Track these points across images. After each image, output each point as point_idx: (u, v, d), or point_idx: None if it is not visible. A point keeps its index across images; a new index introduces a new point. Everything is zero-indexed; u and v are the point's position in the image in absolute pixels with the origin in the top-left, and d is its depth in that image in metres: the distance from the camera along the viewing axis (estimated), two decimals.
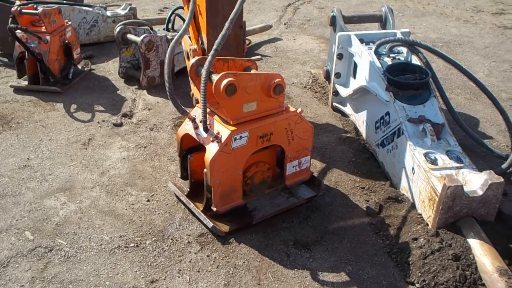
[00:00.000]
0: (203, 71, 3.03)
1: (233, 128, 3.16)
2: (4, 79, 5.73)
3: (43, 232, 3.46)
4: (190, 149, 3.56)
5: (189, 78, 3.33)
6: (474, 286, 2.93)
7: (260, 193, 3.59)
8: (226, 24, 3.24)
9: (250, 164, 3.44)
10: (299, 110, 3.44)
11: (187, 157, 3.53)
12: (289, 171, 3.58)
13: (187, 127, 3.45)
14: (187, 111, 3.33)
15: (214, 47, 3.14)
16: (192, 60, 3.25)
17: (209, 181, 3.24)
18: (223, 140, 3.14)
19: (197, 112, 3.44)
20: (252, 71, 3.33)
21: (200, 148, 3.42)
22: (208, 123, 3.19)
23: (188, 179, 3.63)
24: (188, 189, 3.65)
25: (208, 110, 3.18)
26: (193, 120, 3.38)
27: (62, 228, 3.50)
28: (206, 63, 3.07)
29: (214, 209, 3.36)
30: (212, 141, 3.19)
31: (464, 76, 4.19)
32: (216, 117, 3.30)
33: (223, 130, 3.18)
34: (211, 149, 3.17)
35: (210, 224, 3.39)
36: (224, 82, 2.98)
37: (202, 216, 3.46)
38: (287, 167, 3.55)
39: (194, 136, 3.36)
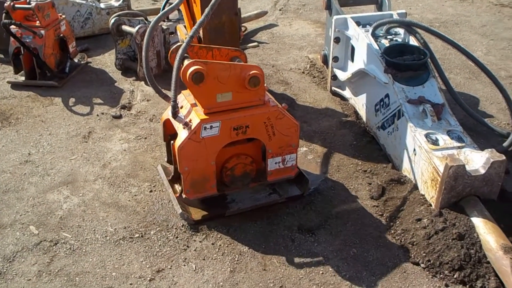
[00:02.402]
0: (176, 58, 3.03)
1: (203, 117, 3.14)
2: (1, 75, 5.70)
3: (47, 226, 3.47)
4: (175, 134, 3.55)
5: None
6: (479, 265, 2.95)
7: (243, 186, 3.56)
8: (206, 11, 3.21)
9: (230, 155, 3.41)
10: (283, 105, 3.38)
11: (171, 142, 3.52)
12: (271, 167, 3.50)
13: (169, 112, 3.46)
14: (169, 95, 3.31)
15: (190, 33, 3.12)
16: (172, 48, 3.23)
17: (178, 168, 3.25)
18: (192, 128, 3.13)
19: (180, 98, 3.44)
20: (237, 61, 3.28)
21: None
22: (181, 109, 3.17)
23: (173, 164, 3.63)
24: (173, 174, 3.66)
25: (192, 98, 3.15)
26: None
27: (66, 221, 3.50)
28: (180, 50, 3.06)
29: (184, 196, 3.38)
30: (184, 128, 3.19)
31: (462, 55, 4.18)
32: (197, 106, 3.27)
33: (194, 118, 3.17)
34: (181, 136, 3.18)
35: (179, 210, 3.38)
36: (190, 69, 2.95)
37: (175, 202, 3.47)
38: (269, 162, 3.47)
39: (172, 121, 3.35)
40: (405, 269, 3.08)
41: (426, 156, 3.37)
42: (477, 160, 3.26)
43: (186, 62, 3.02)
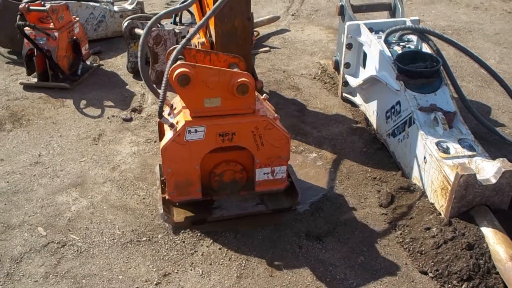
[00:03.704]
0: (170, 60, 3.03)
1: (189, 119, 3.14)
2: (14, 77, 5.76)
3: (55, 227, 3.48)
4: None
5: None
6: (488, 275, 2.91)
7: (232, 193, 3.53)
8: (207, 14, 3.21)
9: (219, 161, 3.38)
10: (274, 116, 3.33)
11: None
12: (260, 178, 3.45)
13: (164, 113, 3.47)
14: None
15: (187, 36, 3.12)
16: (170, 49, 3.23)
17: (162, 168, 3.28)
18: (177, 129, 3.14)
19: (176, 99, 3.45)
20: (235, 69, 3.23)
21: None
22: (175, 110, 3.22)
23: None
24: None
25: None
26: (170, 106, 3.40)
27: (75, 223, 3.51)
28: (174, 52, 3.06)
29: (166, 197, 3.40)
30: (170, 129, 3.20)
31: (475, 63, 4.15)
32: (187, 109, 3.27)
33: (180, 120, 3.17)
34: (166, 137, 3.20)
35: (160, 210, 3.39)
36: (177, 71, 2.94)
37: (160, 201, 3.48)
38: (257, 172, 3.41)
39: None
40: (413, 278, 3.05)
41: (437, 165, 3.34)
42: (488, 170, 3.22)
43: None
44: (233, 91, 3.07)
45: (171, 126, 3.18)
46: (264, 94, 3.55)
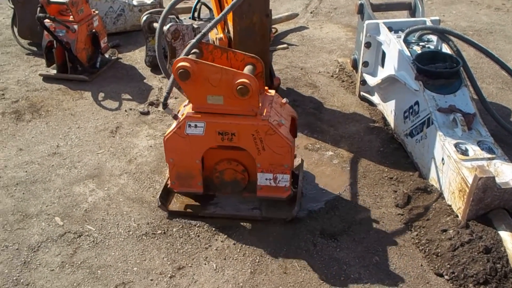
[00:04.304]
0: (182, 53, 3.05)
1: (190, 114, 3.17)
2: (34, 68, 5.82)
3: (72, 218, 3.51)
4: None
5: None
6: (505, 280, 2.88)
7: (233, 192, 3.52)
8: (225, 10, 3.21)
9: (221, 158, 3.39)
10: (277, 122, 3.23)
11: None
12: (261, 182, 3.38)
13: (183, 105, 3.53)
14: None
15: (204, 30, 3.12)
16: (186, 43, 3.26)
17: (165, 158, 3.36)
18: (179, 122, 3.19)
19: None
20: (246, 69, 3.18)
21: None
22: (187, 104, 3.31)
23: None
24: None
25: None
26: None
27: (91, 214, 3.55)
28: (187, 47, 3.08)
29: (168, 186, 3.48)
30: (175, 120, 3.25)
31: (496, 65, 4.11)
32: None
33: (184, 114, 3.21)
34: (170, 128, 3.26)
35: (158, 195, 3.50)
36: (178, 65, 2.97)
37: (162, 188, 3.56)
38: (258, 177, 3.36)
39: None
40: (428, 280, 3.03)
41: (455, 166, 3.31)
42: (507, 173, 3.19)
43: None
44: (234, 91, 3.04)
45: (175, 117, 3.24)
46: (285, 98, 3.49)
